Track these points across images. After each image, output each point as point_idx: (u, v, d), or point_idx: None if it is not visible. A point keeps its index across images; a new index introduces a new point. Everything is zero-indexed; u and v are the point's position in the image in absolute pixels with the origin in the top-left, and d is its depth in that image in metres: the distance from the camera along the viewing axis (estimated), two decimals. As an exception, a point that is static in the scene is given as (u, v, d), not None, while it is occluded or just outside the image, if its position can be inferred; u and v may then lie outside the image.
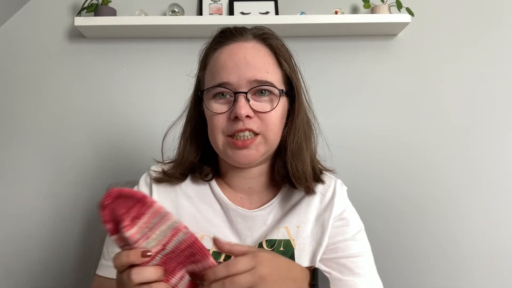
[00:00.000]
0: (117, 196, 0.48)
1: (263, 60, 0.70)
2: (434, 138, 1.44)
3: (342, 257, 0.71)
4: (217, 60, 0.71)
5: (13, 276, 1.38)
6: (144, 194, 0.49)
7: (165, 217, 0.48)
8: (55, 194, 1.42)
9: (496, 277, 1.37)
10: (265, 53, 0.71)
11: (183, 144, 0.78)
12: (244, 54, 0.69)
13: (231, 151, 0.70)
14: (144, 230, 0.48)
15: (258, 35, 0.72)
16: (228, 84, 0.68)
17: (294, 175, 0.72)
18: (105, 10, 1.39)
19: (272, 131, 0.70)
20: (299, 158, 0.73)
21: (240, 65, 0.68)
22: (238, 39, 0.71)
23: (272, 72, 0.70)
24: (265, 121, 0.69)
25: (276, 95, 0.70)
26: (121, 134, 1.44)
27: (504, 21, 1.48)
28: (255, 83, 0.68)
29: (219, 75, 0.69)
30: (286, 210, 0.76)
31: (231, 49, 0.70)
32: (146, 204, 0.48)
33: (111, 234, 0.49)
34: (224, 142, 0.70)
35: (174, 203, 0.75)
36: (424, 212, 1.40)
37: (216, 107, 0.69)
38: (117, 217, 0.48)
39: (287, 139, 0.73)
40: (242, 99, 0.67)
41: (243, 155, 0.69)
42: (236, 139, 0.68)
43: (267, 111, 0.69)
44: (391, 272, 1.35)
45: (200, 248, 0.49)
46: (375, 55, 1.47)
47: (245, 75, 0.67)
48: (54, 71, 1.46)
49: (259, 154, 0.71)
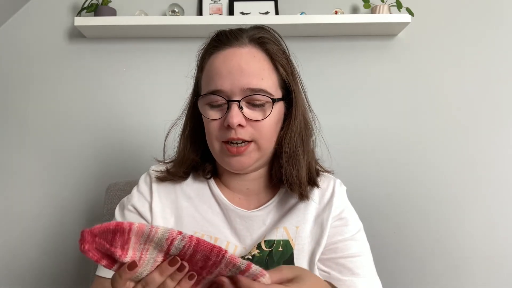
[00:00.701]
0: (92, 236, 0.45)
1: (258, 66, 0.68)
2: (434, 138, 1.44)
3: (341, 257, 0.71)
4: (212, 66, 0.70)
5: (13, 276, 1.38)
6: (116, 222, 0.45)
7: (151, 232, 0.45)
8: (55, 194, 1.42)
9: (496, 277, 1.37)
10: (260, 58, 0.70)
11: (184, 143, 0.78)
12: (238, 61, 0.68)
13: (226, 157, 0.70)
14: (140, 247, 0.46)
15: (254, 39, 0.71)
16: (222, 92, 0.67)
17: (288, 181, 0.72)
18: (105, 10, 1.39)
19: (265, 139, 0.70)
20: (294, 163, 0.72)
21: (234, 72, 0.67)
22: (233, 44, 0.70)
23: (268, 78, 0.69)
24: (258, 129, 0.68)
25: (270, 103, 0.69)
26: (121, 134, 1.44)
27: (504, 21, 1.47)
28: (249, 92, 0.67)
29: (213, 81, 0.68)
30: (285, 211, 0.76)
31: (225, 55, 0.69)
32: (125, 230, 0.45)
33: (110, 267, 0.47)
34: (219, 148, 0.70)
35: (174, 203, 0.75)
36: (424, 212, 1.40)
37: (210, 114, 0.70)
38: (106, 251, 0.46)
39: (283, 144, 0.72)
40: (235, 107, 0.66)
41: (236, 161, 0.69)
42: (230, 145, 0.68)
43: (260, 120, 0.68)
44: (390, 272, 1.35)
45: (208, 246, 0.45)
46: (375, 55, 1.47)
47: (239, 82, 0.67)
48: (54, 71, 1.46)
49: (252, 161, 0.71)
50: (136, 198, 0.76)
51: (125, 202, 0.77)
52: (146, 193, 0.76)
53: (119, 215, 0.75)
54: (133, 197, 0.76)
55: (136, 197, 0.76)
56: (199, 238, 0.45)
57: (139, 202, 0.75)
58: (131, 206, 0.75)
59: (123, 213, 0.75)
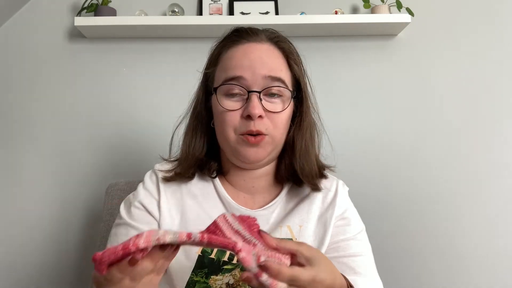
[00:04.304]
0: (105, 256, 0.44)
1: (277, 61, 0.72)
2: (433, 138, 1.44)
3: (343, 256, 0.71)
4: (232, 58, 0.71)
5: (13, 276, 1.38)
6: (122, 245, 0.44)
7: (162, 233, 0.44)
8: (55, 194, 1.41)
9: (495, 277, 1.37)
10: (278, 55, 0.73)
11: (189, 140, 0.77)
12: (259, 54, 0.70)
13: (242, 148, 0.71)
14: (153, 237, 0.44)
15: (271, 38, 0.74)
16: (243, 79, 0.69)
17: (302, 174, 0.74)
18: (105, 10, 1.39)
19: (279, 132, 0.72)
20: (306, 158, 0.75)
21: (255, 64, 0.69)
22: (253, 39, 0.72)
23: (285, 73, 0.72)
24: (275, 121, 0.70)
25: (288, 97, 0.72)
26: (121, 134, 1.44)
27: (504, 21, 1.48)
28: (269, 80, 0.69)
29: (233, 70, 0.70)
30: (288, 209, 0.76)
31: (246, 48, 0.71)
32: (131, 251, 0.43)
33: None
34: (235, 139, 0.71)
35: (179, 202, 0.75)
36: (424, 212, 1.41)
37: (228, 104, 0.70)
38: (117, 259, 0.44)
39: (295, 140, 0.75)
40: (256, 98, 0.68)
41: (254, 152, 0.70)
42: (248, 136, 0.69)
43: (278, 112, 0.70)
44: (391, 272, 1.35)
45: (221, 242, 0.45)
46: (375, 55, 1.47)
47: (260, 71, 0.69)
48: (54, 71, 1.46)
49: (266, 153, 0.72)
50: (143, 195, 0.75)
51: (131, 199, 0.76)
52: (153, 191, 0.75)
53: (125, 212, 0.74)
54: (140, 194, 0.75)
55: (143, 194, 0.75)
56: (210, 236, 0.45)
57: (146, 199, 0.74)
58: (138, 203, 0.74)
59: (129, 210, 0.74)
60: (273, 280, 0.44)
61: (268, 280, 0.44)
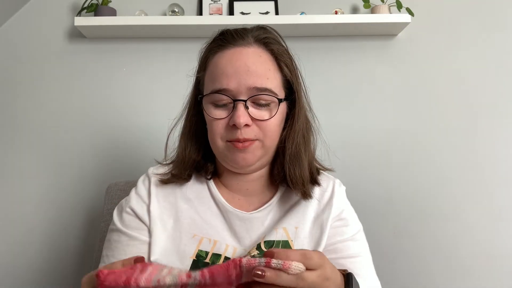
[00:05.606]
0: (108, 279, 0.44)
1: (263, 67, 0.69)
2: (433, 138, 1.44)
3: (341, 257, 0.71)
4: (217, 65, 0.70)
5: (13, 276, 1.38)
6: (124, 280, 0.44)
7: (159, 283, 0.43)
8: (55, 194, 1.42)
9: (496, 277, 1.37)
10: (266, 58, 0.70)
11: (184, 143, 0.77)
12: (245, 60, 0.67)
13: (230, 154, 0.70)
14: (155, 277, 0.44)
15: (259, 39, 0.71)
16: (228, 90, 0.67)
17: (291, 180, 0.72)
18: (105, 10, 1.39)
19: (269, 138, 0.70)
20: (297, 163, 0.72)
21: (240, 72, 0.67)
22: (239, 43, 0.70)
23: (273, 78, 0.69)
24: (263, 128, 0.69)
25: (276, 103, 0.69)
26: (121, 134, 1.44)
27: (504, 21, 1.47)
28: (255, 91, 0.67)
29: (218, 80, 0.68)
30: (284, 211, 0.76)
31: (231, 54, 0.69)
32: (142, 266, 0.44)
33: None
34: (223, 146, 0.70)
35: (173, 206, 0.74)
36: (424, 212, 1.40)
37: (215, 113, 0.69)
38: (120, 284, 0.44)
39: (286, 143, 0.73)
40: (241, 107, 0.66)
41: (242, 158, 0.69)
42: (236, 141, 0.68)
43: (266, 119, 0.68)
44: (390, 272, 1.35)
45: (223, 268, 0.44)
46: (375, 55, 1.47)
47: (246, 82, 0.66)
48: (54, 71, 1.46)
49: (256, 158, 0.70)
50: (135, 200, 0.75)
51: (123, 205, 0.76)
52: (144, 195, 0.75)
53: (118, 218, 0.74)
54: (131, 199, 0.75)
55: (135, 200, 0.75)
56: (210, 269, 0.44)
57: (137, 204, 0.74)
58: (129, 209, 0.74)
59: (121, 216, 0.74)
60: (284, 261, 0.43)
61: (280, 262, 0.43)
